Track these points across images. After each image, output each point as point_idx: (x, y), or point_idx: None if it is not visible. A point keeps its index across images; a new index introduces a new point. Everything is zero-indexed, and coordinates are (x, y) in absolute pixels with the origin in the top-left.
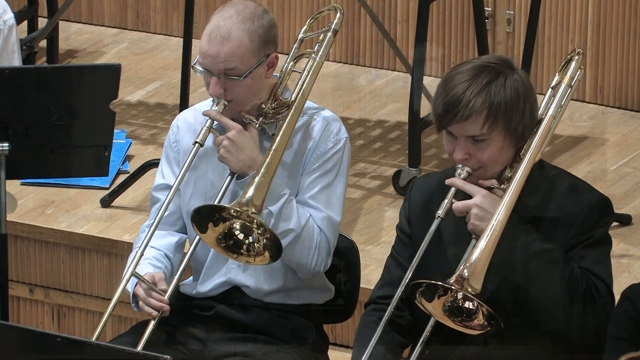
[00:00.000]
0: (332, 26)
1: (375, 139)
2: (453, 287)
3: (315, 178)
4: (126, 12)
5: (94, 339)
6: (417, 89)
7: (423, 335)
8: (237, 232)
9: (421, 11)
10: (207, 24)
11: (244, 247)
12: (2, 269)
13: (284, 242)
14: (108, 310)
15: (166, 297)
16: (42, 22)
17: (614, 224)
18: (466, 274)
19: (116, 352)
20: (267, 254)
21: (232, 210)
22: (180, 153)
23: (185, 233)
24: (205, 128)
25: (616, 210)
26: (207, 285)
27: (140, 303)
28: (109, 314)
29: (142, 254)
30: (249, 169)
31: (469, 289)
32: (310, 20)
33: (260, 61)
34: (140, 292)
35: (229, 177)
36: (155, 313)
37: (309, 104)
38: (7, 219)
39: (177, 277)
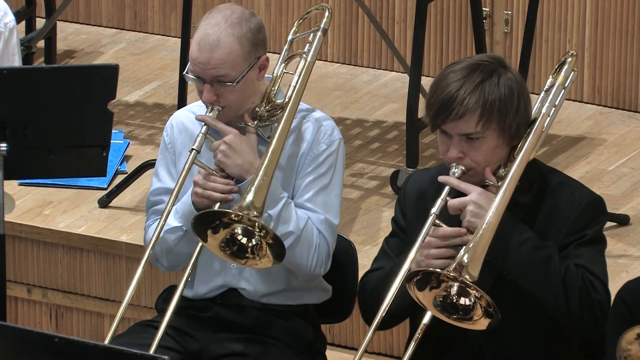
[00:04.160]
0: (322, 25)
1: (373, 139)
2: (451, 275)
3: (311, 181)
4: (124, 13)
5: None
6: (415, 89)
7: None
8: (239, 237)
9: (419, 11)
10: (195, 32)
11: (249, 251)
12: (0, 270)
13: (284, 244)
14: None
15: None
16: (39, 23)
17: (612, 224)
18: (466, 260)
19: (115, 353)
20: (270, 255)
21: (233, 215)
22: (176, 154)
23: None
24: (200, 134)
25: (614, 211)
26: (205, 287)
27: (199, 190)
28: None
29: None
30: (247, 173)
31: (467, 277)
32: (298, 21)
33: (251, 65)
34: (199, 178)
35: None
36: (227, 196)
37: (300, 105)
38: (5, 219)
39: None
